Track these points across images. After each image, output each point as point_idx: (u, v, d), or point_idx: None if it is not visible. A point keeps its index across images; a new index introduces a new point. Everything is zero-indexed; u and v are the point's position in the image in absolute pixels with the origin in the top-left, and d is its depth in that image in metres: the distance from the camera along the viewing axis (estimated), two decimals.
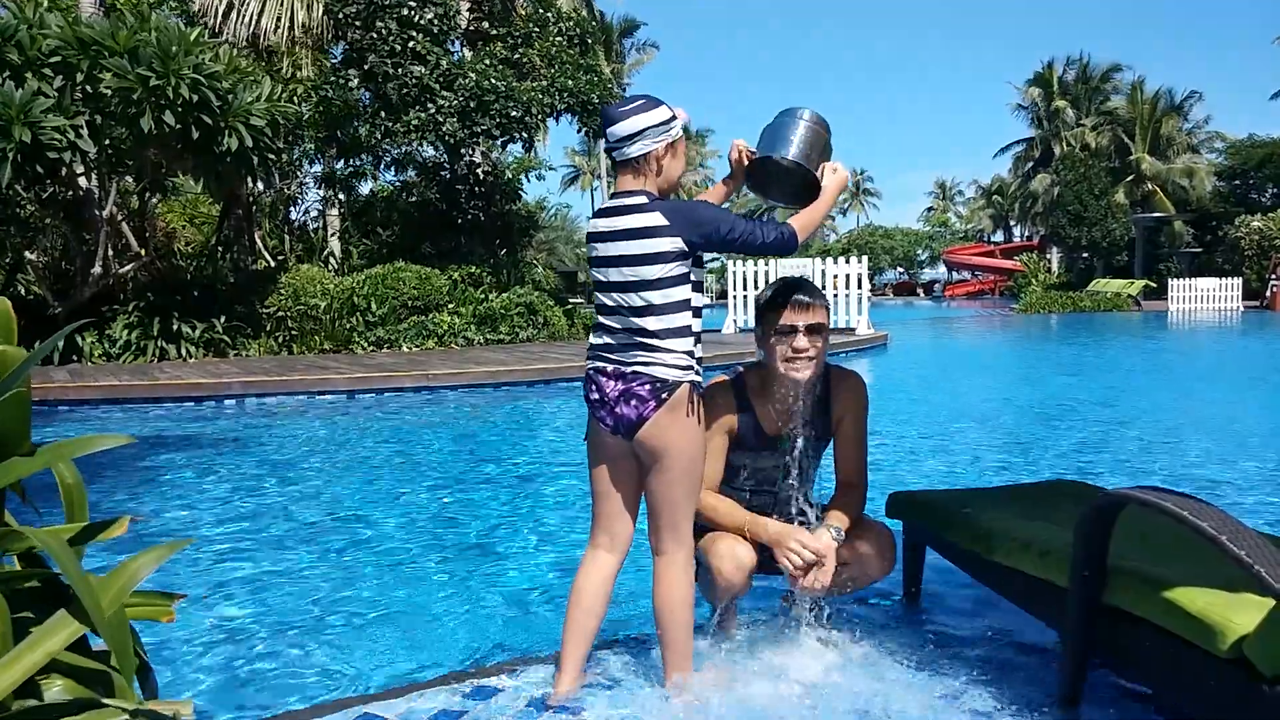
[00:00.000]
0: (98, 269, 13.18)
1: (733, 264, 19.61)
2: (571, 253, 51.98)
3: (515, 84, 16.52)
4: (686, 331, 2.55)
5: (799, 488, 3.13)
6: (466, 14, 17.87)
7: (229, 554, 4.57)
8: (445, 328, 15.43)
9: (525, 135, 17.43)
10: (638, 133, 2.54)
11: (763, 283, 18.72)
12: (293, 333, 14.54)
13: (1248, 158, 42.21)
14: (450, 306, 15.89)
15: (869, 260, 20.73)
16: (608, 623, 2.87)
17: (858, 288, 18.49)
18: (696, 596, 2.86)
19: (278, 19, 17.38)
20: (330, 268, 17.73)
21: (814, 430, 3.05)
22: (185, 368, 12.03)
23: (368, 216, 20.38)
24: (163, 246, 16.66)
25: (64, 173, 11.92)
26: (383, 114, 16.24)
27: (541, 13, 17.90)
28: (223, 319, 13.78)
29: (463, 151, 17.93)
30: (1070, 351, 17.77)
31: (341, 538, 4.88)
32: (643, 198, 2.56)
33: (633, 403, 2.53)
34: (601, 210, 2.66)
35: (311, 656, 3.31)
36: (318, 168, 19.08)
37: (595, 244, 2.64)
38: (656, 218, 2.51)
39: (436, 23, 16.26)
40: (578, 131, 19.02)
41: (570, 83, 16.90)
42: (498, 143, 18.15)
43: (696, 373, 2.59)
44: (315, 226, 20.32)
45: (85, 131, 10.87)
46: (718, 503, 2.95)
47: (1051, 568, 2.58)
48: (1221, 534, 1.97)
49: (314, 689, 3.05)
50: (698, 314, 2.59)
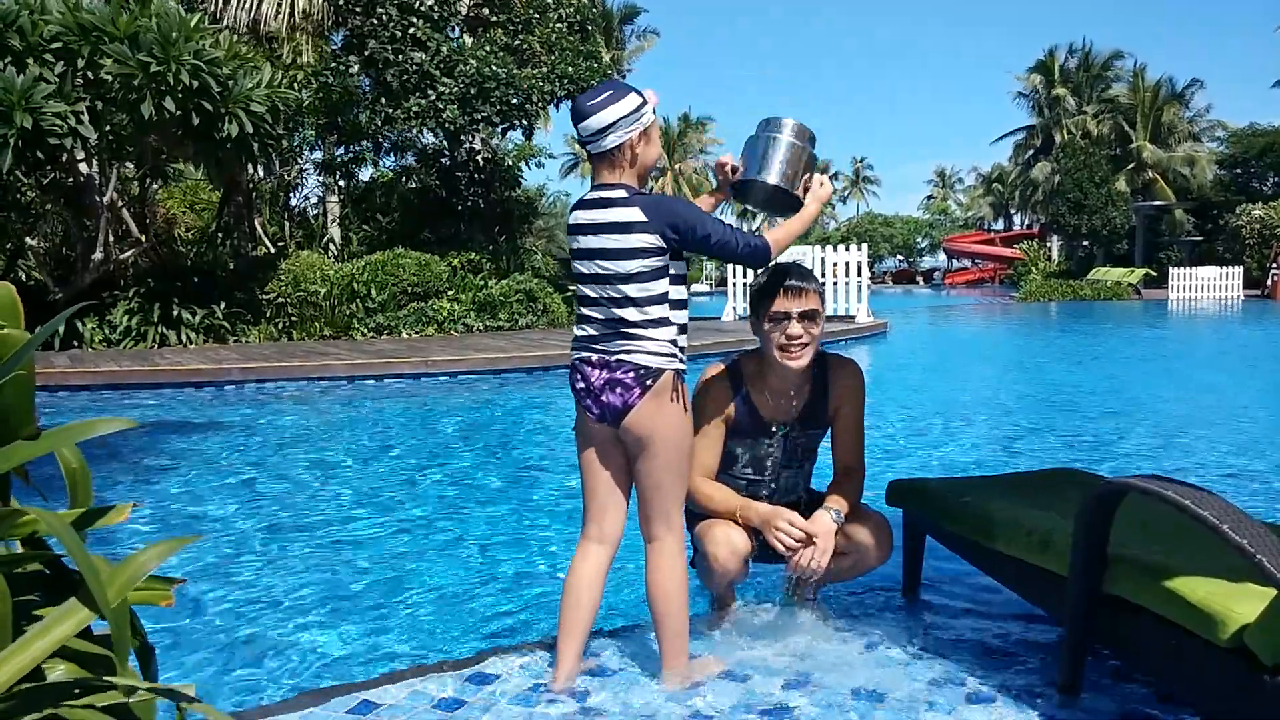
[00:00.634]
0: (98, 255, 13.16)
1: None
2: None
3: (515, 71, 16.47)
4: (666, 323, 2.56)
5: (797, 475, 3.13)
6: (467, 0, 17.81)
7: (228, 539, 4.58)
8: (445, 314, 15.42)
9: (525, 122, 17.39)
10: (610, 125, 2.52)
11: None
12: (293, 319, 14.53)
13: (1249, 146, 42.13)
14: (450, 293, 15.88)
15: (869, 248, 20.68)
16: (605, 610, 2.87)
17: (857, 275, 18.46)
18: (694, 584, 2.87)
19: (278, 5, 17.30)
20: (330, 254, 17.71)
21: (811, 417, 3.06)
22: (185, 353, 12.02)
23: (368, 203, 20.35)
24: (163, 233, 16.64)
25: (65, 159, 11.90)
26: (383, 100, 16.19)
27: None
28: (223, 305, 13.77)
29: (463, 138, 17.88)
30: (1070, 340, 17.77)
31: (340, 524, 4.88)
32: (622, 191, 2.56)
33: (618, 390, 2.54)
34: (581, 202, 2.66)
35: (310, 643, 3.32)
36: (318, 154, 19.04)
37: (576, 236, 2.64)
38: (635, 213, 2.52)
39: (437, 9, 16.21)
40: None
41: (570, 69, 16.85)
42: (498, 130, 18.10)
43: (680, 361, 2.60)
44: (315, 213, 20.28)
45: (86, 117, 10.84)
46: (712, 490, 2.96)
47: (1052, 556, 2.58)
48: (1223, 523, 1.97)
49: (313, 675, 3.06)
50: (677, 306, 2.59)
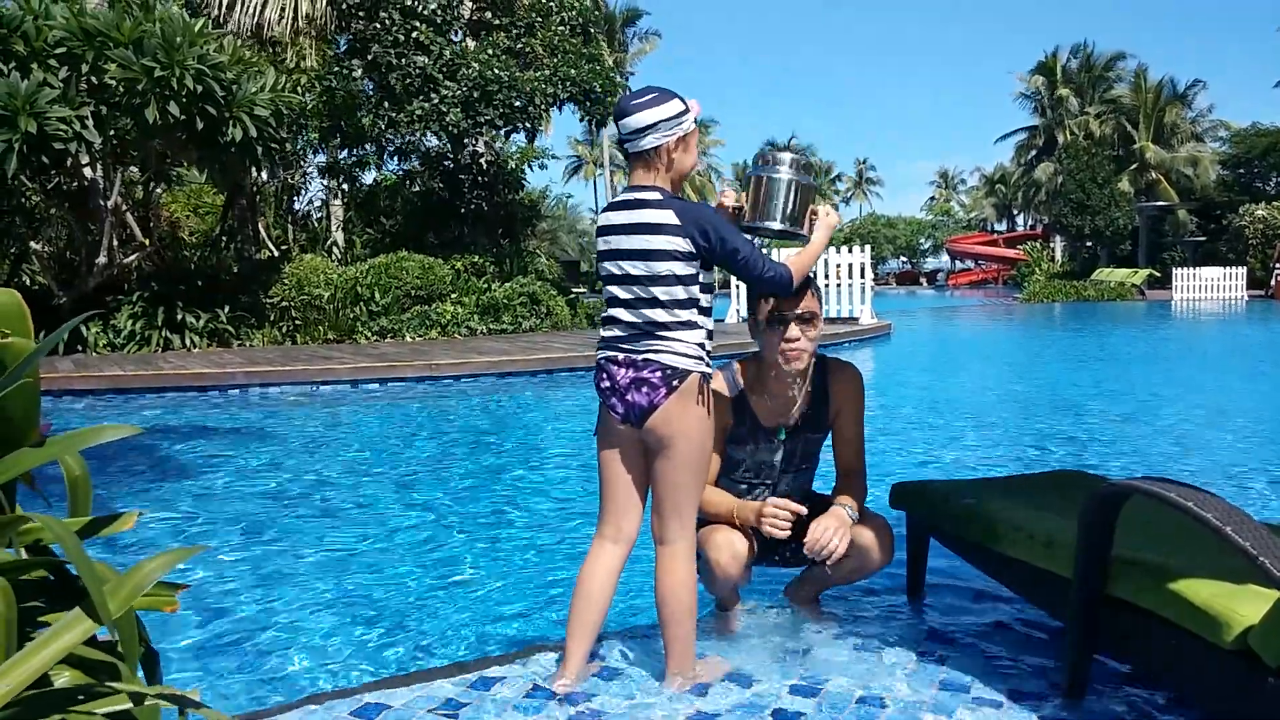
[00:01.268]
0: (102, 259, 13.19)
1: None
2: (574, 242, 51.99)
3: (518, 74, 16.49)
4: (694, 325, 2.58)
5: (797, 480, 3.13)
6: (469, 4, 17.82)
7: (231, 543, 4.58)
8: (448, 317, 15.43)
9: (528, 125, 17.40)
10: (649, 126, 2.54)
11: None
12: (296, 323, 14.55)
13: (1252, 146, 42.04)
14: (453, 296, 15.89)
15: (871, 249, 20.63)
16: (613, 612, 2.87)
17: (860, 277, 18.45)
18: (699, 588, 2.87)
19: (281, 9, 17.34)
20: (334, 257, 17.73)
21: (812, 422, 3.06)
22: (189, 357, 12.04)
23: (371, 206, 20.37)
24: (167, 237, 16.65)
25: (69, 163, 11.92)
26: (386, 104, 16.21)
27: (544, 2, 17.84)
28: (227, 309, 13.78)
29: (466, 141, 17.89)
30: (1074, 341, 17.75)
31: (344, 527, 4.89)
32: (656, 194, 2.58)
33: (644, 390, 2.54)
34: (615, 203, 2.67)
35: (314, 646, 3.32)
36: (321, 158, 19.07)
37: (607, 236, 2.65)
38: (669, 215, 2.53)
39: (439, 13, 16.22)
40: (580, 121, 18.99)
41: (573, 72, 16.87)
42: (501, 133, 18.12)
43: (706, 365, 2.61)
44: (319, 216, 20.32)
45: (90, 122, 10.87)
46: (710, 494, 2.96)
47: (1055, 558, 2.58)
48: (1226, 525, 1.97)
49: (316, 679, 3.06)
50: (705, 313, 2.61)
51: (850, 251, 18.92)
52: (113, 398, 9.75)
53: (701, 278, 2.59)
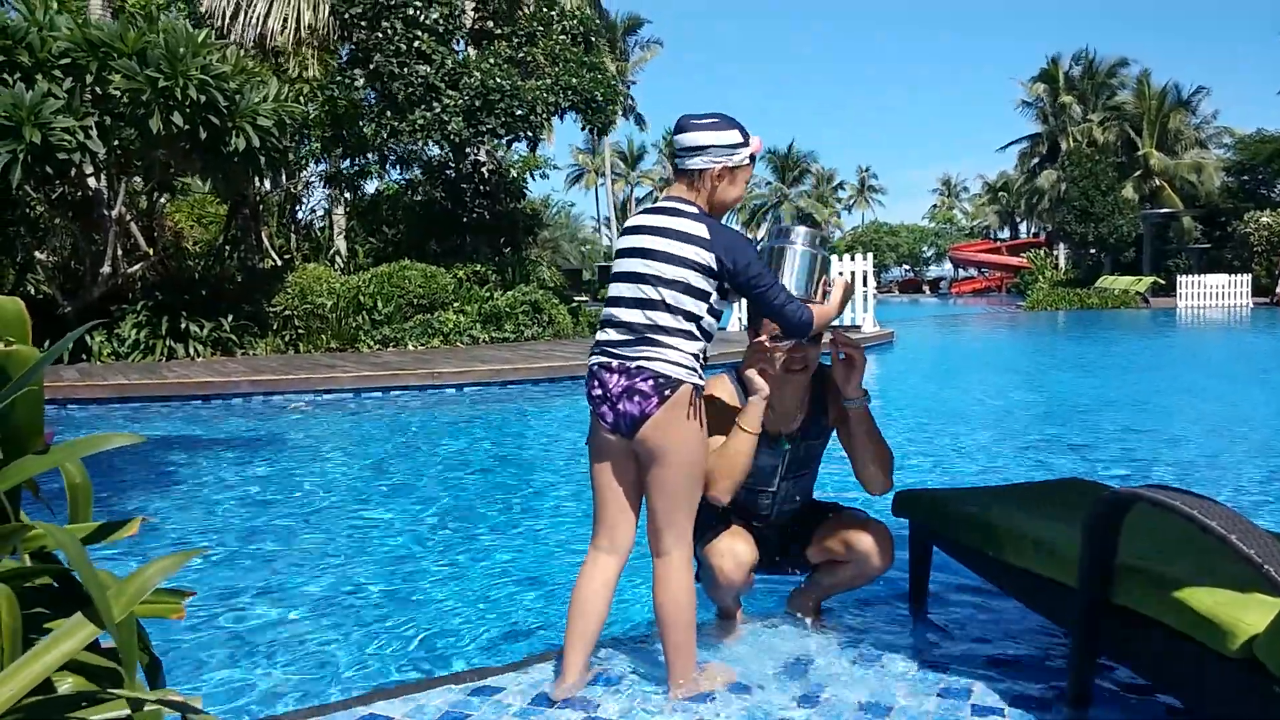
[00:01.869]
0: (106, 269, 13.22)
1: None
2: (576, 250, 52.04)
3: (520, 83, 16.53)
4: (693, 336, 2.58)
5: (795, 484, 3.13)
6: (471, 13, 17.88)
7: (235, 551, 4.59)
8: (451, 326, 15.45)
9: (530, 134, 17.43)
10: (701, 147, 2.58)
11: None
12: (299, 331, 14.57)
13: (1256, 153, 41.98)
14: (455, 305, 15.90)
15: (874, 257, 20.65)
16: (611, 622, 2.87)
17: (863, 285, 18.46)
18: (700, 597, 2.87)
19: (284, 20, 17.44)
20: (336, 266, 17.76)
21: (812, 429, 3.06)
22: (193, 366, 12.06)
23: (373, 215, 20.41)
24: (171, 246, 16.68)
25: (73, 173, 11.96)
26: (388, 113, 16.25)
27: (546, 11, 17.90)
28: (230, 318, 13.81)
29: (468, 150, 17.93)
30: (1079, 349, 17.73)
31: (346, 536, 4.89)
32: (693, 208, 2.61)
33: (635, 399, 2.54)
34: (649, 208, 2.71)
35: (315, 655, 3.32)
36: (324, 167, 19.11)
37: (630, 235, 2.66)
38: (701, 228, 2.56)
39: (442, 22, 16.27)
40: (582, 130, 19.02)
41: (574, 80, 16.91)
42: (502, 141, 18.16)
43: (700, 377, 2.61)
44: (321, 225, 20.36)
45: (94, 132, 10.91)
46: (717, 456, 2.87)
47: (1060, 567, 2.58)
48: (1231, 533, 1.96)
49: (318, 688, 3.06)
50: (706, 335, 2.61)
51: (852, 259, 18.93)
52: (117, 406, 9.76)
53: (714, 300, 2.59)
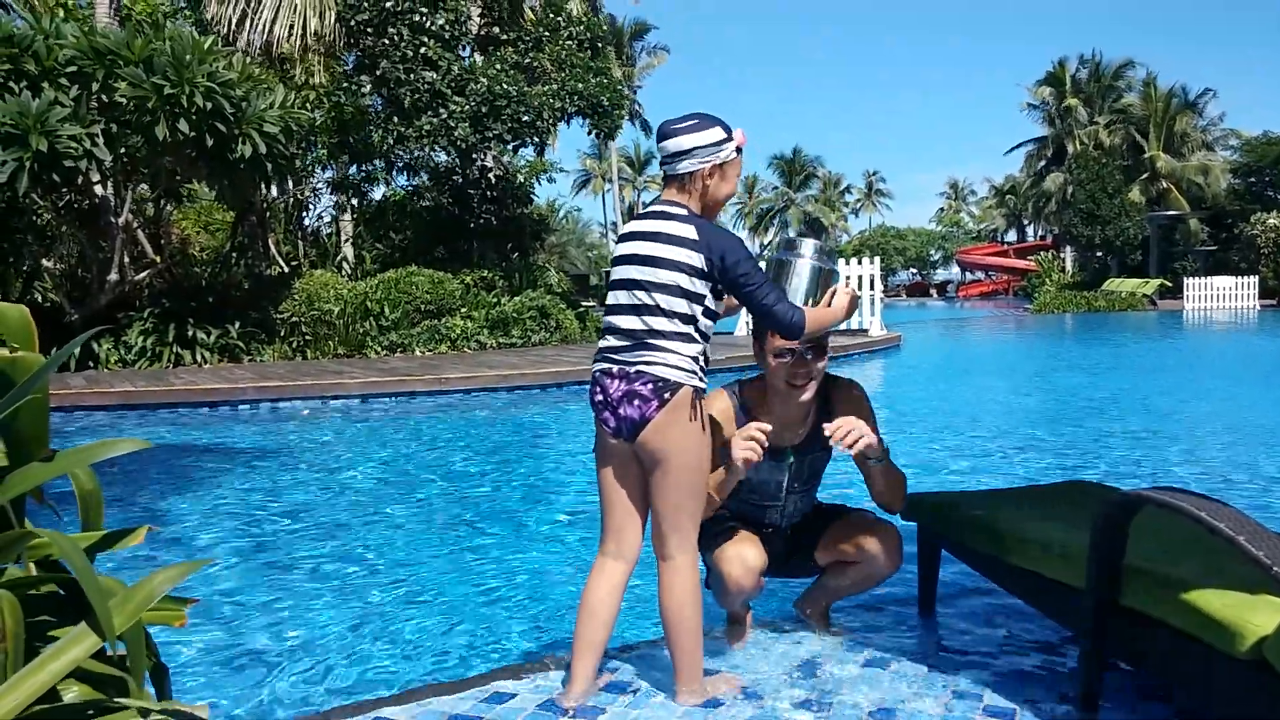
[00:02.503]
0: (114, 276, 13.26)
1: None
2: (583, 256, 52.04)
3: (526, 88, 16.55)
4: (691, 339, 2.58)
5: (802, 497, 3.12)
6: (477, 19, 17.92)
7: (241, 558, 4.59)
8: (458, 332, 15.46)
9: (536, 139, 17.45)
10: (687, 151, 2.58)
11: None
12: (306, 338, 14.59)
13: (1263, 155, 41.87)
14: (463, 310, 15.92)
15: (881, 261, 20.62)
16: (620, 628, 2.86)
17: (870, 289, 18.43)
18: (708, 602, 2.86)
19: (290, 27, 17.48)
20: (343, 273, 17.78)
21: (816, 442, 3.04)
22: (200, 373, 12.08)
23: (380, 221, 20.44)
24: (177, 253, 16.73)
25: (80, 181, 12.00)
26: (395, 119, 16.28)
27: (552, 17, 17.93)
28: (237, 324, 13.82)
29: (474, 156, 17.95)
30: (1086, 352, 17.69)
31: (354, 542, 4.89)
32: (682, 210, 2.62)
33: (635, 403, 2.54)
34: (641, 214, 2.72)
35: (322, 661, 3.32)
36: (330, 173, 19.15)
37: (624, 243, 2.68)
38: (689, 230, 2.56)
39: (448, 28, 16.30)
40: (589, 135, 19.04)
41: (580, 86, 16.93)
42: (509, 147, 18.18)
43: (700, 380, 2.61)
44: (328, 232, 20.37)
45: (101, 140, 10.94)
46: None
47: (1068, 568, 2.57)
48: (1240, 535, 1.95)
49: (325, 694, 3.06)
50: (705, 336, 2.61)
51: (860, 263, 18.91)
52: (125, 413, 9.78)
53: (709, 301, 2.60)
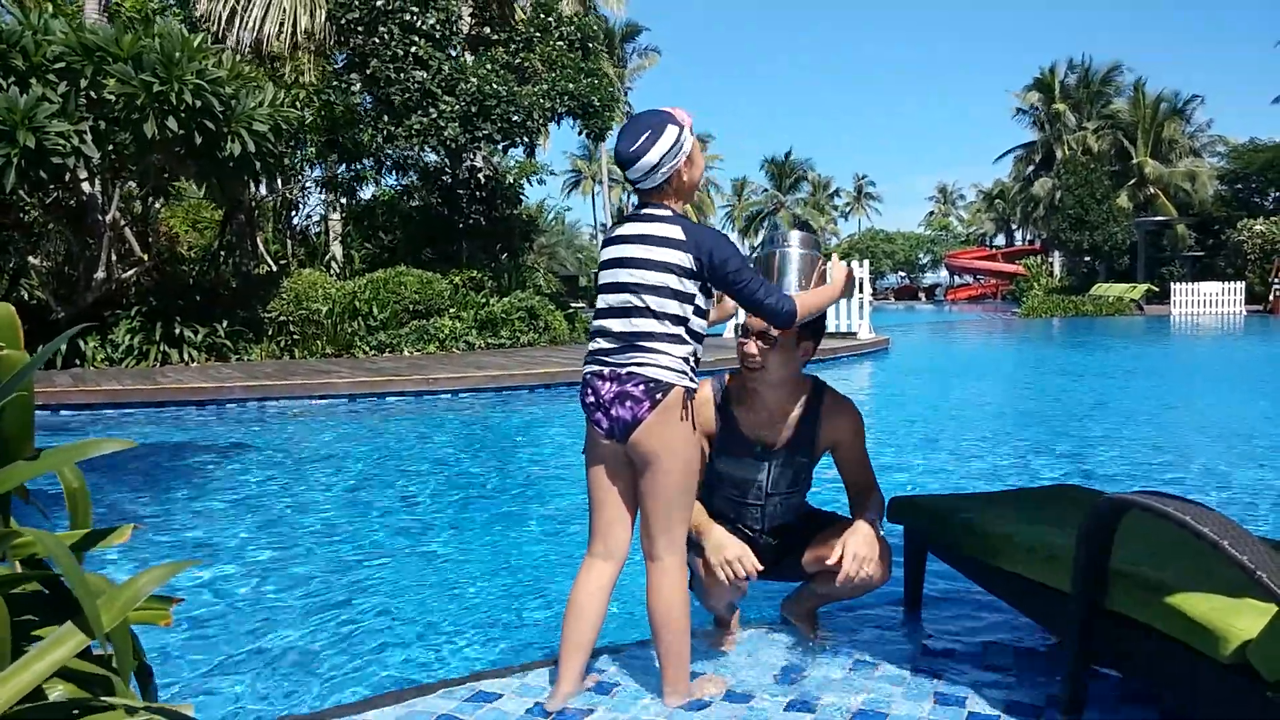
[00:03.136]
0: (101, 274, 13.19)
1: None
2: (573, 257, 51.98)
3: (517, 89, 16.54)
4: (682, 340, 2.58)
5: (787, 501, 3.11)
6: (468, 19, 17.89)
7: (227, 558, 4.57)
8: (446, 332, 15.44)
9: (526, 140, 17.44)
10: (657, 164, 2.57)
11: None
12: (294, 337, 14.55)
13: (1250, 161, 42.19)
14: (451, 311, 15.90)
15: (870, 264, 20.68)
16: (606, 629, 2.86)
17: (859, 292, 18.48)
18: (696, 604, 2.86)
19: (280, 25, 17.43)
20: (332, 272, 17.74)
21: (800, 445, 3.04)
22: (187, 372, 12.03)
23: (369, 221, 20.39)
24: (165, 251, 16.65)
25: (68, 178, 11.93)
26: (384, 119, 16.25)
27: (543, 18, 17.92)
28: (225, 323, 13.78)
29: (464, 156, 17.93)
30: (1072, 356, 17.76)
31: (341, 542, 4.88)
32: (667, 211, 2.63)
33: (627, 404, 2.54)
34: (626, 217, 2.72)
35: (309, 662, 3.31)
36: (319, 172, 19.09)
37: (610, 246, 2.68)
38: (676, 230, 2.57)
39: (438, 28, 16.28)
40: (579, 135, 19.03)
41: (571, 86, 16.92)
42: (499, 147, 18.16)
43: (691, 380, 2.61)
44: (317, 231, 20.32)
45: (89, 137, 10.88)
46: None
47: (1053, 572, 2.58)
48: (1223, 539, 1.96)
49: (310, 696, 3.05)
50: (696, 336, 2.62)
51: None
52: (111, 412, 9.73)
53: (700, 300, 2.61)
